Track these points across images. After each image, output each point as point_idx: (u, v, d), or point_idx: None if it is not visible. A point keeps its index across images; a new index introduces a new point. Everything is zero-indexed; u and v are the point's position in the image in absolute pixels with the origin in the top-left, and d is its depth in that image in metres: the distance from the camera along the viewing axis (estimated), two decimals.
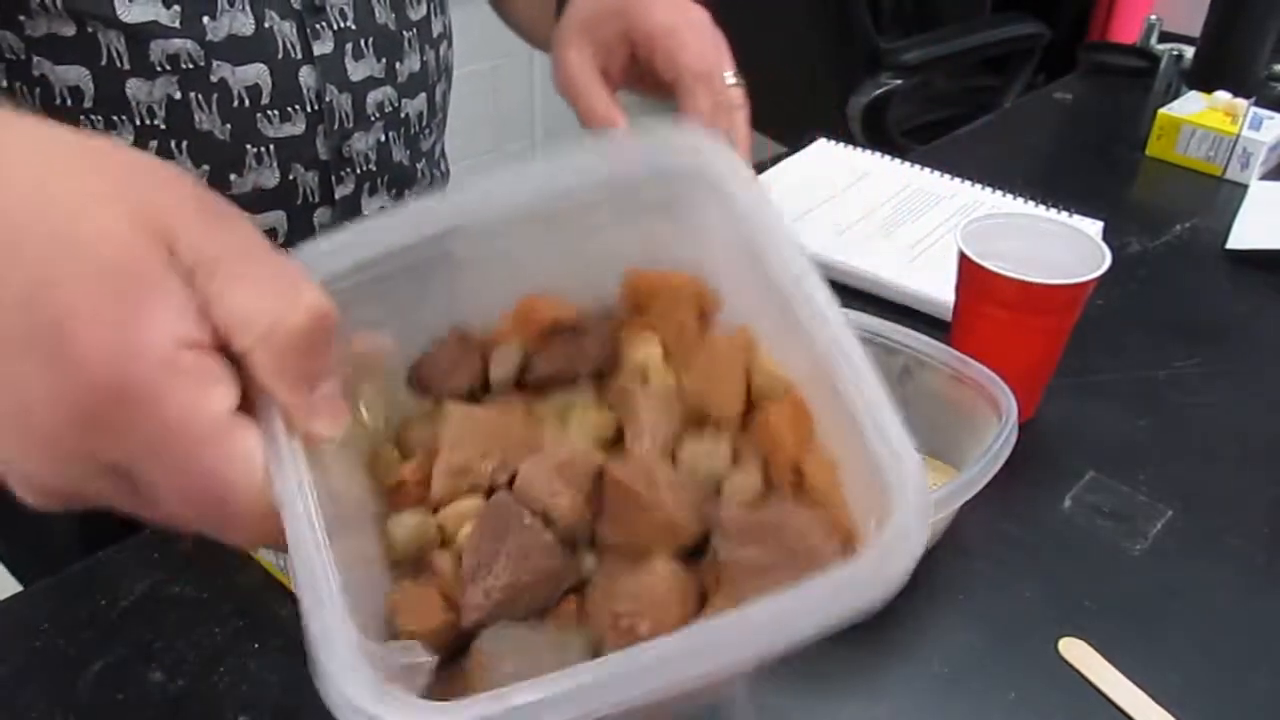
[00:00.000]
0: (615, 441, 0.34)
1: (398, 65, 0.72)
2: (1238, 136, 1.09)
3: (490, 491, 0.33)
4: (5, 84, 0.61)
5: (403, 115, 0.73)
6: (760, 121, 0.63)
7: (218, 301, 0.28)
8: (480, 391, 0.36)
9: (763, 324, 0.35)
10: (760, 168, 1.07)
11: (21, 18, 0.59)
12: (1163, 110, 1.14)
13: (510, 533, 0.31)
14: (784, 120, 2.13)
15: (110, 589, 0.58)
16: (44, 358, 0.27)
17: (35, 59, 0.60)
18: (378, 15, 0.69)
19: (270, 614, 0.58)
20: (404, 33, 0.71)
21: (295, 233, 0.70)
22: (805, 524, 0.31)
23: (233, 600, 0.58)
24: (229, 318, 0.29)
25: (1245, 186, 1.09)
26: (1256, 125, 1.10)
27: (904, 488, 0.28)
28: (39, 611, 0.57)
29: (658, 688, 0.26)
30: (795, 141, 1.12)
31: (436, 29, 0.76)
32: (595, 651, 0.30)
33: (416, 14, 0.72)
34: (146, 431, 0.27)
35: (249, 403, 0.30)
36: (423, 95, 0.75)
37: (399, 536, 0.33)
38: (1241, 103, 1.12)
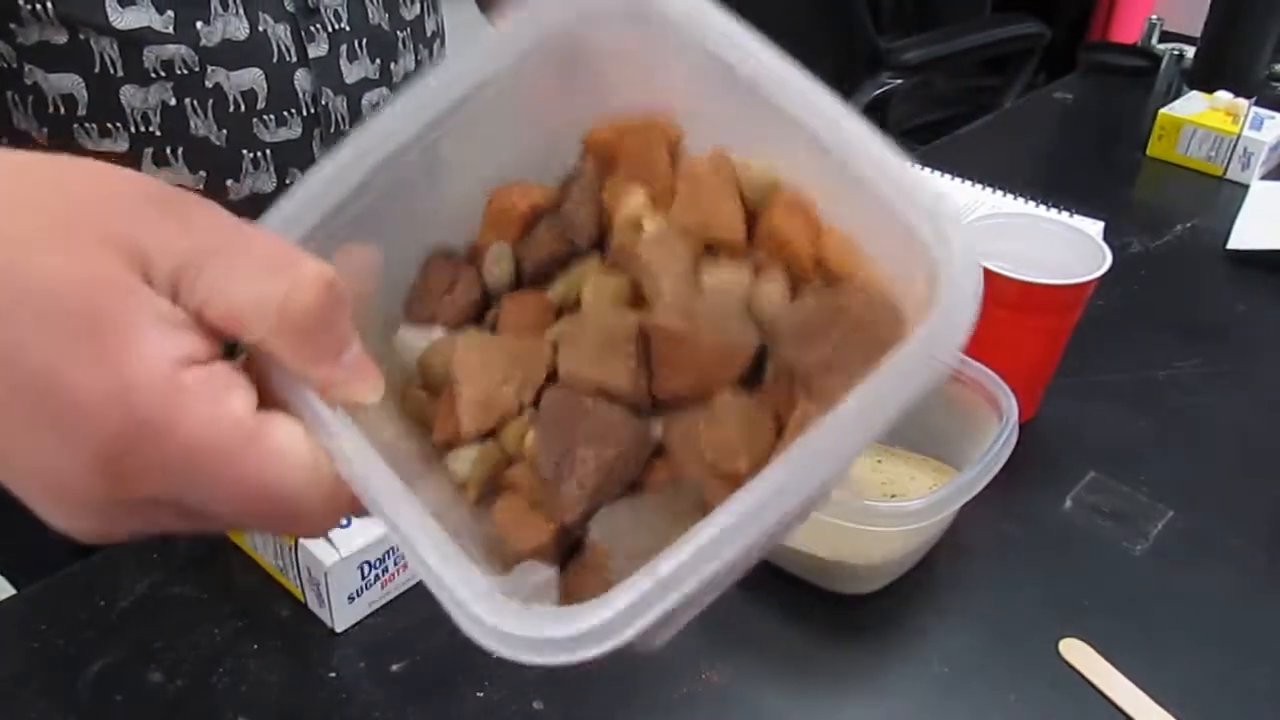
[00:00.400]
0: (637, 301, 0.33)
1: (392, 66, 0.71)
2: (1238, 136, 1.09)
3: (522, 408, 0.32)
4: None
5: None
6: None
7: (214, 300, 0.27)
8: (483, 303, 0.35)
9: (736, 136, 0.33)
10: None
11: (12, 26, 0.58)
12: (1163, 110, 1.14)
13: (577, 421, 0.30)
14: None
15: (110, 589, 0.58)
16: (46, 424, 0.26)
17: (27, 67, 0.59)
18: (371, 16, 0.69)
19: (270, 614, 0.58)
20: (398, 33, 0.71)
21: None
22: (861, 305, 0.30)
23: (233, 600, 0.58)
24: (231, 313, 0.27)
25: (1246, 186, 1.09)
26: (1257, 125, 1.10)
27: (943, 233, 0.27)
28: (39, 611, 0.57)
29: (790, 509, 0.26)
30: None
31: (430, 28, 0.76)
32: (702, 505, 0.29)
33: (410, 14, 0.72)
34: (173, 461, 0.26)
35: (269, 396, 0.29)
36: None
37: (463, 472, 0.32)
38: (1242, 103, 1.12)
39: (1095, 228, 0.95)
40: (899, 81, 1.92)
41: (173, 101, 0.62)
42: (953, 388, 0.63)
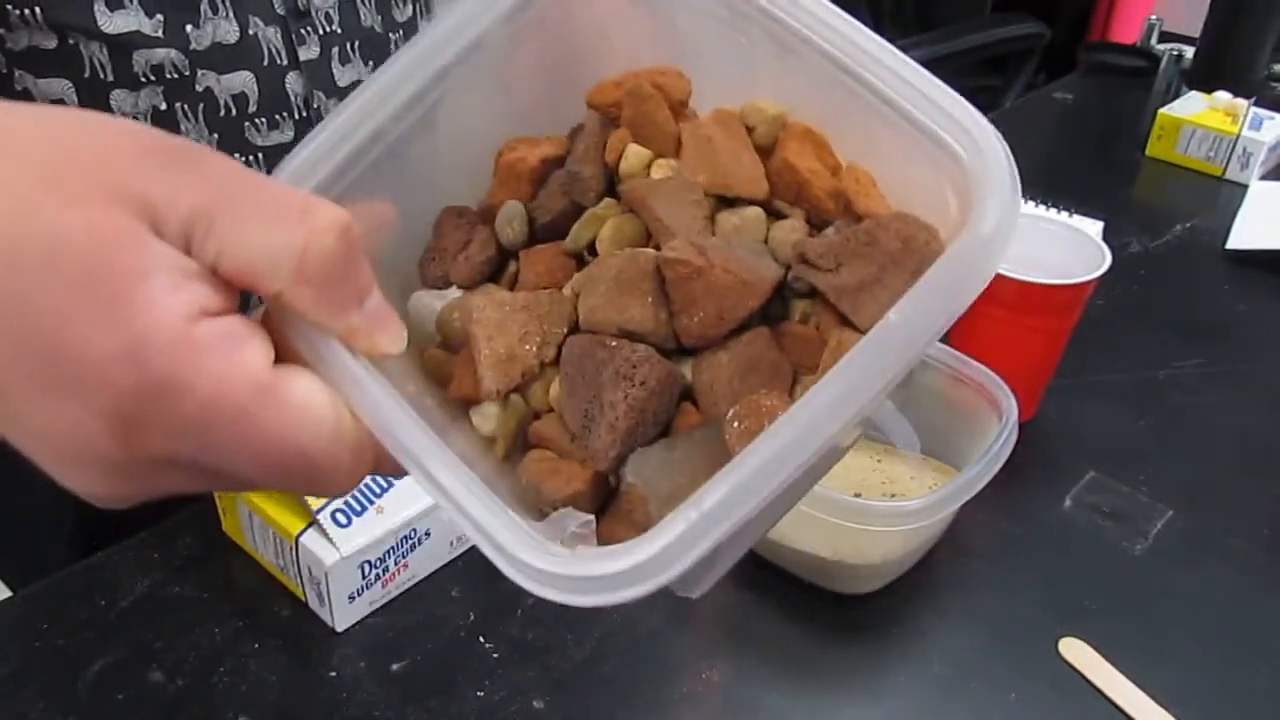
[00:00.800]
0: (651, 244, 0.33)
1: None
2: (1238, 137, 1.09)
3: (543, 366, 0.31)
4: None
5: None
6: None
7: (229, 252, 0.26)
8: (499, 260, 0.34)
9: (748, 75, 0.33)
10: None
11: (1, 31, 0.58)
12: (1163, 110, 1.14)
13: (602, 365, 0.29)
14: None
15: (110, 589, 0.58)
16: (56, 382, 0.25)
17: (18, 73, 0.59)
18: (363, 18, 0.69)
19: (270, 614, 0.58)
20: (390, 35, 0.71)
21: None
22: (897, 222, 0.29)
23: (233, 600, 0.58)
24: (246, 264, 0.26)
25: (1245, 187, 1.09)
26: (1256, 125, 1.10)
27: (975, 147, 0.27)
28: (39, 611, 0.57)
29: (835, 430, 0.25)
30: None
31: (419, 28, 0.76)
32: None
33: (402, 15, 0.72)
34: (188, 419, 0.25)
35: (287, 351, 0.28)
36: None
37: (488, 427, 0.32)
38: (1241, 103, 1.12)
39: (1095, 228, 0.95)
40: None
41: (163, 106, 0.62)
42: (953, 388, 0.63)
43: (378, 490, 0.57)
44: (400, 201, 0.32)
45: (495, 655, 0.55)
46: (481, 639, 0.56)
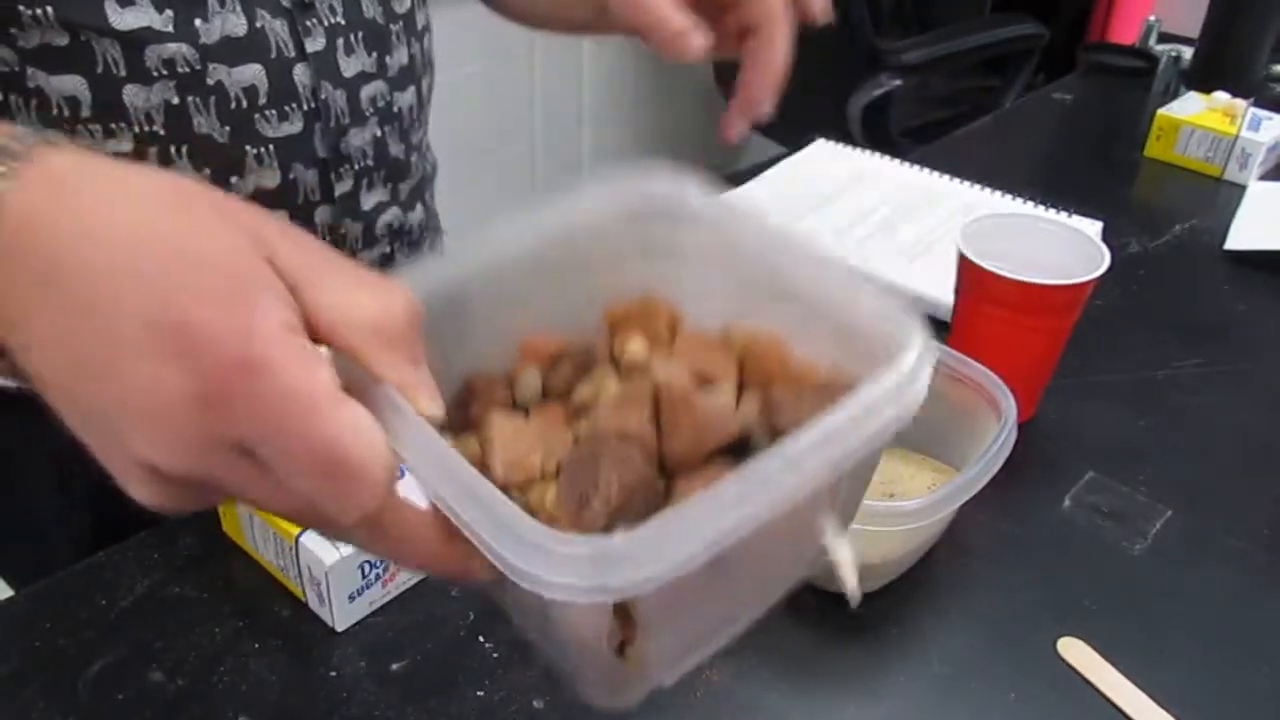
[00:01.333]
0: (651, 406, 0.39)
1: (387, 59, 0.72)
2: (1236, 137, 1.09)
3: (545, 475, 0.36)
4: (1, 97, 0.60)
5: (395, 109, 0.73)
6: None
7: (324, 304, 0.32)
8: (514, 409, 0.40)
9: (734, 302, 0.41)
10: (760, 168, 1.07)
11: (13, 30, 0.58)
12: (1162, 111, 1.14)
13: (599, 455, 0.34)
14: (784, 120, 2.13)
15: (110, 589, 0.58)
16: (169, 352, 0.29)
17: (30, 70, 0.59)
18: (365, 9, 0.69)
19: (270, 614, 0.58)
20: (391, 26, 0.72)
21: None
22: (849, 381, 0.35)
23: (233, 600, 0.58)
24: (335, 317, 0.32)
25: (1244, 187, 1.09)
26: (1255, 126, 1.10)
27: (897, 334, 0.35)
28: (39, 611, 0.57)
29: (753, 515, 0.30)
30: (795, 141, 1.12)
31: (420, 21, 0.77)
32: None
33: (402, 7, 0.73)
34: (268, 400, 0.29)
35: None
36: (412, 88, 0.75)
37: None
38: (1240, 103, 1.12)
39: (1094, 228, 0.96)
40: (898, 82, 1.92)
41: (175, 100, 0.62)
42: (952, 388, 0.63)
43: None
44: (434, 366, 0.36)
45: (495, 655, 0.56)
46: (481, 639, 0.56)
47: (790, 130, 1.21)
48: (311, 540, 0.55)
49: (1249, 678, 0.57)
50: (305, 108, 0.67)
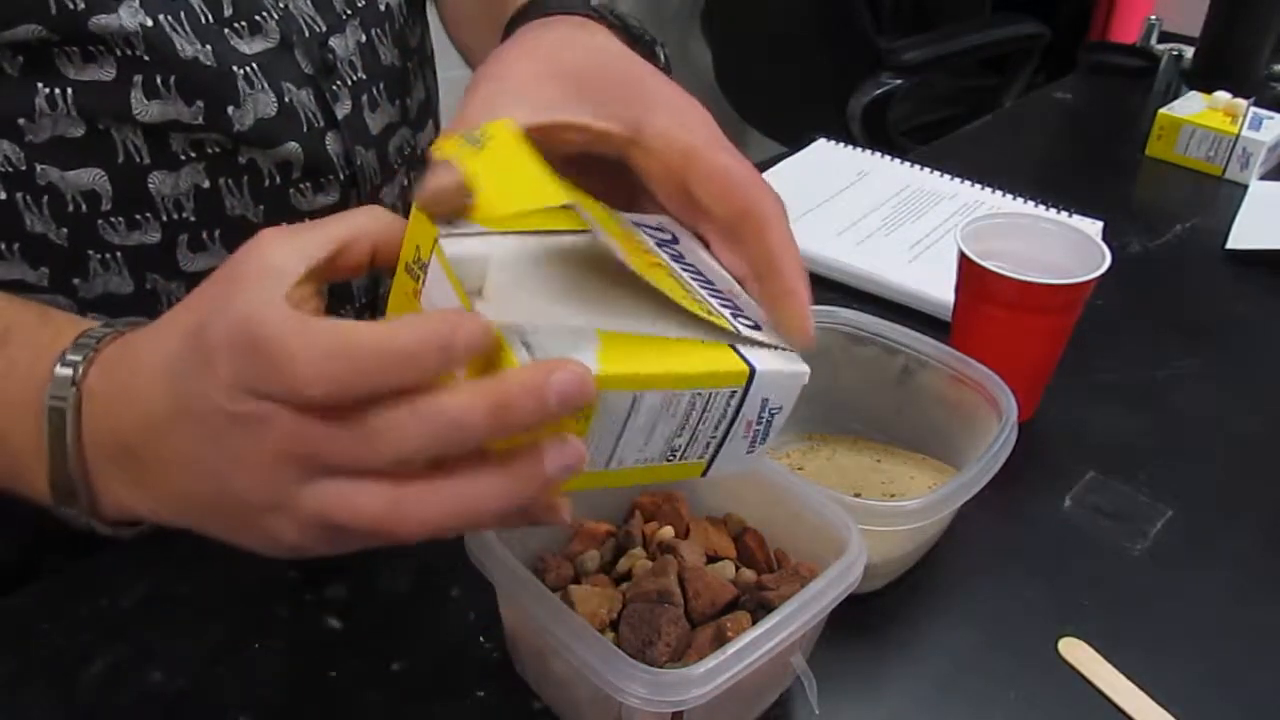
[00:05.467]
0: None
1: (408, 101, 0.70)
2: (1237, 136, 1.09)
3: (608, 623, 0.51)
4: (4, 196, 0.56)
5: (419, 153, 0.72)
6: (760, 122, 0.64)
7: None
8: (575, 580, 0.55)
9: (731, 497, 0.59)
10: (760, 168, 1.07)
11: (21, 121, 0.54)
12: (1163, 110, 1.14)
13: (657, 615, 0.50)
14: (784, 120, 2.13)
15: (110, 589, 0.58)
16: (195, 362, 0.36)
17: (39, 167, 0.55)
18: (383, 56, 0.67)
19: (270, 614, 0.58)
20: (408, 64, 0.70)
21: (334, 300, 0.67)
22: (812, 566, 0.53)
23: (233, 600, 0.58)
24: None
25: (1245, 186, 1.09)
26: (1256, 125, 1.10)
27: (842, 532, 0.51)
28: (39, 611, 0.57)
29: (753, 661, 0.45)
30: (795, 141, 1.12)
31: (427, 49, 0.75)
32: None
33: (414, 39, 0.71)
34: (234, 330, 0.34)
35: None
36: (430, 122, 0.74)
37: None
38: (1241, 103, 1.12)
39: (1095, 227, 0.96)
40: (899, 82, 1.91)
41: (206, 184, 0.58)
42: (952, 388, 0.63)
43: None
44: None
45: (495, 655, 0.56)
46: (481, 639, 0.56)
47: (791, 130, 1.21)
48: None
49: (1249, 678, 0.57)
50: (341, 177, 0.64)
